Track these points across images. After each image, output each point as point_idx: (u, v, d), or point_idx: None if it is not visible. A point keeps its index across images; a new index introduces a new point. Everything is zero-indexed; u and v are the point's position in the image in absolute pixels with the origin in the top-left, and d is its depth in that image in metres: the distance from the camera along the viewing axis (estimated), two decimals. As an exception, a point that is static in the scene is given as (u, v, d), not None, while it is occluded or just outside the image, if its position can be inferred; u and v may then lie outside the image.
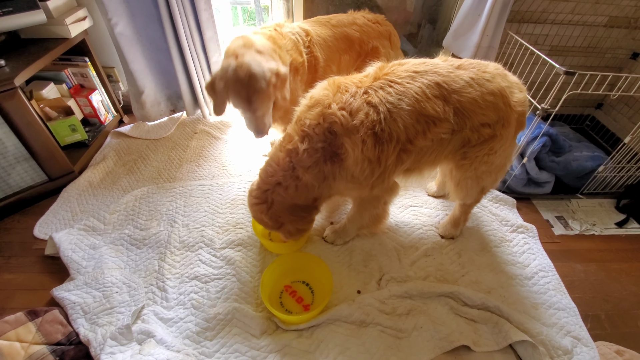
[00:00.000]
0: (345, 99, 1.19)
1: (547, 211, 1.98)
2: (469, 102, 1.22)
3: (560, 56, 2.30)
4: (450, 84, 1.22)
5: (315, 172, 1.23)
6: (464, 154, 1.37)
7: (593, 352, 1.36)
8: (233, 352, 1.28)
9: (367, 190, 1.34)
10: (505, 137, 1.33)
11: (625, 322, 1.51)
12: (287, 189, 1.27)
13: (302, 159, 1.21)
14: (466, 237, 1.76)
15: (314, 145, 1.20)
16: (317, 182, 1.26)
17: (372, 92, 1.19)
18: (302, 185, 1.26)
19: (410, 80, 1.21)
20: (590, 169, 1.95)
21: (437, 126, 1.22)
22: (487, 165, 1.39)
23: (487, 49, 1.95)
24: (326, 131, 1.19)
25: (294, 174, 1.24)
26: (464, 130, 1.27)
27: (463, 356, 1.33)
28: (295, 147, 1.22)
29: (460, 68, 1.27)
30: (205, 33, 2.05)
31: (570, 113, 2.59)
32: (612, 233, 1.89)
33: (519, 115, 1.32)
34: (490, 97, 1.24)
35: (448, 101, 1.21)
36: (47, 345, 1.22)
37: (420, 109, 1.19)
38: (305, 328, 1.35)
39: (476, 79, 1.24)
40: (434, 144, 1.26)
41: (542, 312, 1.47)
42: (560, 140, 1.90)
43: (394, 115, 1.17)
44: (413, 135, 1.21)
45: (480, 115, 1.25)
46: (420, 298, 1.47)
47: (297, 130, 1.24)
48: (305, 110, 1.25)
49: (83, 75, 2.13)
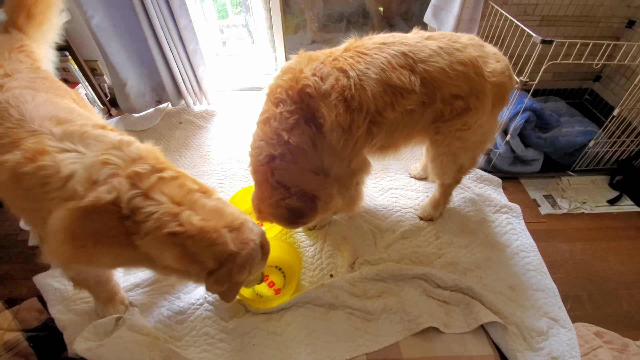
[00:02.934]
0: (316, 66, 1.17)
1: (535, 190, 1.91)
2: (437, 71, 1.17)
3: (553, 27, 2.17)
4: (416, 53, 1.17)
5: (300, 132, 1.16)
6: (436, 129, 1.32)
7: (570, 334, 1.32)
8: (202, 336, 1.30)
9: (345, 164, 1.30)
10: (480, 111, 1.27)
11: (608, 302, 1.46)
12: (284, 157, 1.18)
13: (281, 120, 1.16)
14: (445, 219, 1.72)
15: (289, 107, 1.16)
16: (307, 146, 1.18)
17: (342, 60, 1.17)
18: (294, 148, 1.17)
19: (377, 52, 1.18)
20: (581, 144, 1.86)
21: (404, 98, 1.18)
22: (461, 141, 1.33)
23: (469, 22, 1.86)
24: (300, 92, 1.16)
25: (280, 140, 1.16)
26: (436, 102, 1.22)
27: (433, 338, 1.31)
28: (272, 113, 1.18)
29: (430, 39, 1.23)
30: (180, 21, 2.03)
31: (568, 87, 2.46)
32: (603, 211, 1.81)
33: (495, 87, 1.26)
34: (460, 67, 1.19)
35: (414, 71, 1.17)
36: (23, 331, 1.27)
37: (387, 79, 1.15)
38: (274, 311, 1.36)
39: (445, 48, 1.19)
40: (404, 116, 1.22)
41: (519, 293, 1.43)
42: (546, 115, 1.81)
43: (363, 83, 1.14)
44: (382, 107, 1.18)
45: (451, 85, 1.19)
46: (393, 280, 1.46)
47: (271, 99, 1.21)
48: (277, 79, 1.23)
49: (65, 69, 2.16)
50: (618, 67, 2.26)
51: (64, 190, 0.91)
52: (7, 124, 1.00)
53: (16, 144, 0.96)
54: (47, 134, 0.98)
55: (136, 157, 0.97)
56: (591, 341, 1.31)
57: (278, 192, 1.22)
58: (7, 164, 0.94)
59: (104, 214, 0.90)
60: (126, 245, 0.93)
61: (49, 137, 0.98)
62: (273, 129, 1.17)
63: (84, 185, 0.90)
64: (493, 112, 1.35)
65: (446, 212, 1.74)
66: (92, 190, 0.90)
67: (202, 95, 2.41)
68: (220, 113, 2.47)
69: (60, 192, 0.91)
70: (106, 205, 0.89)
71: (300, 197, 1.22)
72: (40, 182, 0.92)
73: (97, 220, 0.90)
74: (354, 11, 2.73)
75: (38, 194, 0.93)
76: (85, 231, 0.91)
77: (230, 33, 2.94)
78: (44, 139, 0.97)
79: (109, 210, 0.90)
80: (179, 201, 0.94)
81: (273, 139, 1.18)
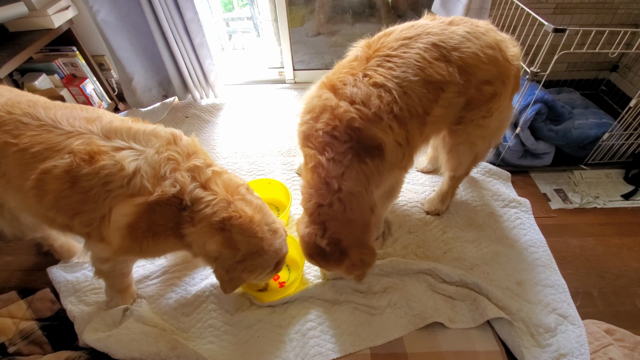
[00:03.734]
0: (350, 92, 1.06)
1: (546, 184, 1.86)
2: (471, 57, 1.12)
3: (568, 14, 2.09)
4: (447, 42, 1.12)
5: (354, 175, 1.08)
6: (460, 119, 1.27)
7: (579, 331, 1.30)
8: (207, 327, 1.32)
9: (402, 172, 1.26)
10: (503, 96, 1.24)
11: (620, 299, 1.42)
12: (332, 206, 1.10)
13: (330, 169, 1.07)
14: (452, 214, 1.69)
15: (340, 149, 1.06)
16: (362, 186, 1.10)
17: (372, 73, 1.08)
18: (346, 196, 1.09)
19: (405, 49, 1.10)
20: (595, 137, 1.80)
21: (444, 91, 1.12)
22: (482, 129, 1.30)
23: (479, 11, 1.80)
24: (347, 129, 1.05)
25: (331, 188, 1.09)
26: (469, 89, 1.16)
27: (438, 333, 1.31)
28: (318, 161, 1.08)
29: (452, 24, 1.17)
30: (185, 14, 2.02)
31: (583, 77, 2.38)
32: (617, 206, 1.75)
33: (516, 70, 1.23)
34: (489, 51, 1.15)
35: (450, 60, 1.11)
36: (37, 320, 1.31)
37: (426, 77, 1.08)
38: (279, 304, 1.37)
39: (472, 33, 1.15)
40: (446, 110, 1.17)
41: (526, 289, 1.41)
42: (558, 106, 1.75)
43: (405, 89, 1.07)
44: (428, 106, 1.12)
45: (483, 70, 1.15)
46: (398, 275, 1.45)
47: (313, 146, 1.10)
48: (312, 125, 1.11)
49: (73, 64, 2.18)
50: (637, 56, 2.16)
51: (129, 187, 0.96)
52: (30, 132, 0.99)
53: (54, 149, 0.97)
54: (88, 134, 1.00)
55: (191, 151, 1.06)
56: (601, 339, 1.28)
57: (316, 227, 1.13)
58: (57, 170, 0.95)
59: (167, 207, 0.98)
60: (177, 235, 1.03)
61: (93, 136, 1.00)
62: (322, 178, 1.09)
63: (152, 181, 0.97)
64: (511, 98, 1.31)
65: (453, 207, 1.71)
66: (159, 185, 0.97)
67: (208, 89, 2.41)
68: (227, 107, 2.46)
69: (125, 189, 0.96)
70: (170, 199, 0.98)
71: (331, 243, 1.12)
72: (103, 181, 0.96)
73: (159, 213, 0.98)
74: (361, 2, 2.67)
75: (99, 194, 0.97)
76: (147, 224, 0.99)
77: (236, 26, 2.93)
78: (92, 139, 0.99)
79: (171, 203, 0.98)
80: (231, 192, 1.05)
81: (321, 189, 1.10)
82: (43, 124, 1.00)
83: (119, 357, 1.20)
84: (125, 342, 1.20)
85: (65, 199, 0.98)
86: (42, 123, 1.00)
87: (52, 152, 0.97)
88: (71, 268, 1.49)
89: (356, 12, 2.70)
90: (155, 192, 0.96)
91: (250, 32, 2.87)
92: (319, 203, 1.11)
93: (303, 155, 1.18)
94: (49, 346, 1.26)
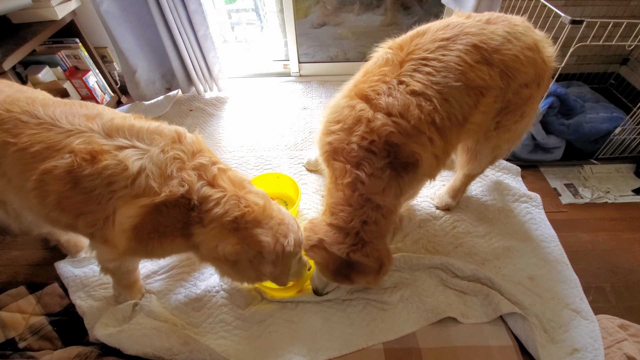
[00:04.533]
0: (385, 102, 0.99)
1: (556, 179, 1.84)
2: (512, 59, 1.06)
3: (579, 6, 2.05)
4: (488, 43, 1.05)
5: (394, 191, 1.05)
6: (497, 124, 1.20)
7: (592, 326, 1.29)
8: (219, 322, 1.31)
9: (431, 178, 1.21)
10: (536, 99, 1.20)
11: (633, 294, 1.42)
12: (377, 223, 1.07)
13: (372, 185, 1.03)
14: (462, 208, 1.68)
15: (378, 165, 1.01)
16: (397, 199, 1.09)
17: (409, 80, 1.01)
18: (387, 211, 1.07)
19: (444, 51, 1.02)
20: (606, 131, 1.78)
21: (484, 96, 1.06)
22: (510, 133, 1.24)
23: (490, 2, 1.76)
24: (385, 145, 1.00)
25: (373, 205, 1.05)
26: (508, 93, 1.11)
27: (450, 328, 1.30)
28: (356, 177, 1.03)
29: (490, 23, 1.10)
30: (189, 5, 1.98)
31: (592, 71, 2.35)
32: (628, 201, 1.74)
33: (550, 72, 1.18)
34: (529, 53, 1.09)
35: (491, 64, 1.04)
36: (46, 315, 1.30)
37: (468, 82, 1.02)
38: (289, 300, 1.36)
39: (512, 33, 1.08)
40: (485, 116, 1.12)
41: (539, 284, 1.40)
42: (571, 100, 1.73)
43: (446, 96, 1.00)
44: (468, 113, 1.06)
45: (523, 73, 1.09)
46: (409, 270, 1.44)
47: (346, 160, 1.05)
48: (343, 137, 1.05)
49: (76, 56, 2.15)
50: (648, 49, 2.14)
51: (133, 188, 0.92)
52: (29, 131, 0.95)
53: (54, 148, 0.93)
54: (88, 132, 0.96)
55: (196, 149, 1.02)
56: (615, 334, 1.27)
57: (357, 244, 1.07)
58: (57, 170, 0.92)
59: (174, 207, 0.94)
60: (185, 235, 1.00)
61: (94, 134, 0.96)
62: (363, 195, 1.04)
63: (158, 181, 0.93)
64: (540, 100, 1.26)
65: (463, 201, 1.70)
66: (166, 185, 0.93)
67: (212, 82, 2.38)
68: (231, 100, 2.43)
69: (129, 190, 0.92)
70: (178, 199, 0.94)
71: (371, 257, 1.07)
72: (106, 182, 0.92)
73: (167, 214, 0.94)
74: (368, -7, 2.63)
75: (102, 194, 0.93)
76: (153, 226, 0.95)
77: (239, 17, 2.88)
78: (93, 137, 0.95)
79: (180, 203, 0.95)
80: (239, 187, 1.03)
81: (364, 206, 1.05)
82: (42, 122, 0.96)
83: (130, 352, 1.19)
84: (137, 337, 1.19)
85: (68, 199, 0.95)
86: (41, 121, 0.96)
87: (52, 151, 0.93)
88: (79, 263, 1.47)
89: (363, 3, 2.66)
90: (162, 192, 0.92)
91: (254, 24, 2.82)
92: (363, 220, 1.06)
93: (330, 168, 1.11)
94: (59, 341, 1.25)
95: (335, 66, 2.60)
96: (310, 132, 2.14)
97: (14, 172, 0.97)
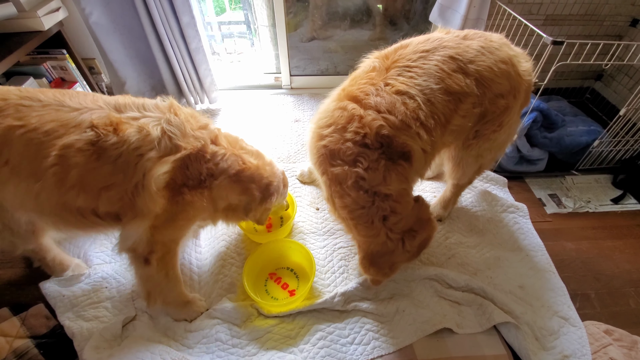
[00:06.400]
0: (374, 101, 1.06)
1: (540, 189, 1.92)
2: (486, 70, 1.15)
3: (557, 26, 2.18)
4: (463, 55, 1.14)
5: (395, 177, 1.09)
6: (475, 132, 1.28)
7: (580, 332, 1.34)
8: (214, 342, 1.28)
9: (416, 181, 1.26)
10: (513, 110, 1.27)
11: (616, 300, 1.48)
12: (395, 211, 1.11)
13: (372, 178, 1.06)
14: (454, 219, 1.72)
15: (372, 157, 1.06)
16: (405, 183, 1.12)
17: (394, 82, 1.09)
18: (398, 196, 1.11)
19: (424, 61, 1.12)
20: (585, 144, 1.88)
21: (462, 102, 1.14)
22: (490, 142, 1.32)
23: (476, 21, 1.85)
24: (377, 137, 1.06)
25: (382, 195, 1.08)
26: (484, 102, 1.19)
27: (446, 338, 1.32)
28: (356, 175, 1.06)
29: (467, 38, 1.21)
30: (182, 18, 1.98)
31: (570, 86, 2.48)
32: (607, 210, 1.83)
33: (527, 85, 1.26)
34: (502, 65, 1.18)
35: (467, 73, 1.14)
36: (32, 338, 1.24)
37: (446, 87, 1.11)
38: (287, 314, 1.35)
39: (486, 48, 1.18)
40: (465, 120, 1.19)
41: (529, 293, 1.45)
42: (553, 115, 1.82)
43: (429, 97, 1.08)
44: (449, 115, 1.14)
45: (497, 84, 1.17)
46: (405, 281, 1.46)
47: (343, 162, 1.08)
48: (338, 137, 1.08)
49: (62, 68, 2.10)
50: (621, 66, 2.28)
51: (160, 149, 1.03)
52: (34, 113, 0.97)
53: (69, 125, 0.97)
54: (99, 109, 1.02)
55: (194, 114, 1.17)
56: (601, 339, 1.32)
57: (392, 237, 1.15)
58: (80, 143, 0.96)
59: (196, 161, 1.09)
60: (207, 187, 1.13)
61: (106, 110, 1.03)
62: (368, 191, 1.07)
63: (182, 139, 1.07)
64: (519, 112, 1.34)
65: (454, 212, 1.74)
66: (187, 142, 1.07)
67: (204, 94, 2.37)
68: (223, 112, 2.43)
69: (157, 152, 1.03)
70: (198, 152, 1.09)
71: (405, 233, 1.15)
72: (133, 147, 1.00)
73: (192, 167, 1.08)
74: (357, 9, 2.70)
75: (129, 161, 1.00)
76: (183, 179, 1.07)
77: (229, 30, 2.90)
78: (107, 112, 1.02)
79: (199, 157, 1.09)
80: (235, 147, 1.21)
81: (375, 202, 1.08)
82: (47, 105, 0.99)
83: (123, 375, 1.15)
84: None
85: (92, 172, 0.98)
86: (45, 104, 0.99)
87: (68, 128, 0.97)
88: (66, 282, 1.42)
89: (353, 19, 2.73)
90: (186, 148, 1.06)
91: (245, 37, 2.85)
92: (384, 215, 1.10)
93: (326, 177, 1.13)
94: (45, 366, 1.20)
95: (326, 79, 2.64)
96: (303, 144, 2.16)
97: (24, 155, 0.96)
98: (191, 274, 1.48)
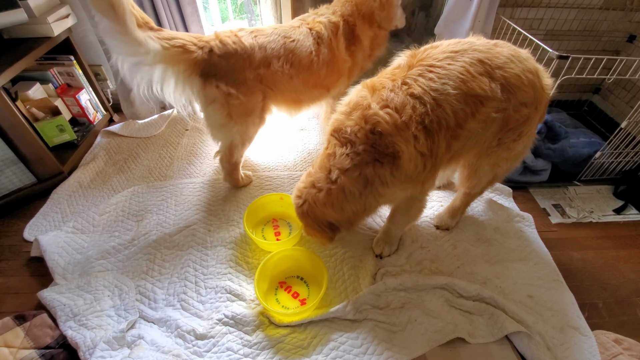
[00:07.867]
0: (386, 96, 1.11)
1: (544, 199, 1.95)
2: (514, 77, 1.17)
3: (556, 41, 2.25)
4: (492, 60, 1.15)
5: (355, 175, 1.15)
6: (498, 141, 1.30)
7: (591, 341, 1.34)
8: (225, 351, 1.26)
9: (419, 187, 1.26)
10: (534, 122, 1.30)
11: (623, 310, 1.50)
12: (320, 191, 1.20)
13: (340, 160, 1.15)
14: (461, 228, 1.73)
15: (355, 149, 1.13)
16: (357, 188, 1.17)
17: (412, 82, 1.12)
18: (336, 190, 1.18)
19: (450, 62, 1.14)
20: (587, 155, 1.92)
21: (484, 105, 1.15)
22: (508, 151, 1.34)
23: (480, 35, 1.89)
24: (368, 133, 1.11)
25: (330, 177, 1.18)
26: (508, 109, 1.20)
27: (458, 348, 1.31)
28: (334, 151, 1.18)
29: (497, 46, 1.22)
30: (191, 28, 2.01)
31: (568, 99, 2.55)
32: (610, 220, 1.86)
33: (546, 100, 1.29)
34: (530, 75, 1.19)
35: (493, 78, 1.15)
36: (36, 349, 1.21)
37: (468, 90, 1.12)
38: (299, 324, 1.33)
39: (515, 56, 1.20)
40: (484, 125, 1.20)
41: (538, 302, 1.45)
42: (556, 126, 1.86)
43: (440, 102, 1.10)
44: (463, 119, 1.14)
45: (523, 92, 1.19)
46: (415, 290, 1.45)
47: (338, 138, 1.18)
48: (344, 118, 1.18)
49: (69, 74, 2.10)
50: (618, 80, 2.35)
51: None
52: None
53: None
54: None
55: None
56: (611, 348, 1.33)
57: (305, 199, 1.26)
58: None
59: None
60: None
61: None
62: (330, 166, 1.19)
63: None
64: (537, 125, 1.36)
65: (461, 222, 1.75)
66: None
67: (209, 102, 2.37)
68: (228, 120, 2.43)
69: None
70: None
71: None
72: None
73: None
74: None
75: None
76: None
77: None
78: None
79: None
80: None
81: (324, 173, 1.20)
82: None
83: (133, 387, 1.12)
84: (140, 370, 1.13)
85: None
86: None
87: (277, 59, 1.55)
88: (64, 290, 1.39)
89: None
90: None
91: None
92: (312, 182, 1.23)
93: (327, 140, 1.26)
94: (51, 377, 1.16)
95: (330, 89, 2.66)
96: (309, 153, 2.17)
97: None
98: (196, 279, 1.46)
